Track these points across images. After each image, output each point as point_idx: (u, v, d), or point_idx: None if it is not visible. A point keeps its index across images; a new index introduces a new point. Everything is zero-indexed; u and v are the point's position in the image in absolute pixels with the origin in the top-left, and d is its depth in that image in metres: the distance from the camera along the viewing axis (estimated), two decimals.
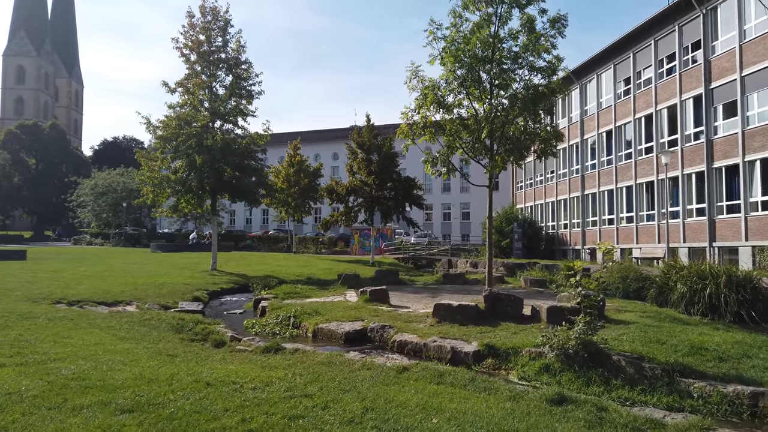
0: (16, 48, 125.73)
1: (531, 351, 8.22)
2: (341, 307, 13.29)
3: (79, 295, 15.46)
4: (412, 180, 34.43)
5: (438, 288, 19.98)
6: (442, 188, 73.04)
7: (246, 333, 11.55)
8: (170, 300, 16.19)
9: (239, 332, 11.59)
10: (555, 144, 14.20)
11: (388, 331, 10.40)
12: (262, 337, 11.22)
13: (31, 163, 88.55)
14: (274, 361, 7.58)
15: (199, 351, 8.34)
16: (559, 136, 14.53)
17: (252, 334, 11.53)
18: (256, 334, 11.45)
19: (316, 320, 11.56)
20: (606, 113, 39.77)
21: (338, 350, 9.27)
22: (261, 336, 11.29)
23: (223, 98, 25.37)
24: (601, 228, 39.89)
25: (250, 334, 11.24)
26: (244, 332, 11.71)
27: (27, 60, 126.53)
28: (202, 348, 8.82)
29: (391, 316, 11.84)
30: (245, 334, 11.07)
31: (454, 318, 10.89)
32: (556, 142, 14.25)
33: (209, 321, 11.68)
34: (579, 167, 43.20)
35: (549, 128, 13.87)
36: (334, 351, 8.58)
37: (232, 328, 11.79)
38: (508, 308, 11.19)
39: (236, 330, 11.92)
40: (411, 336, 9.88)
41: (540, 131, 13.83)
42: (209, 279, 22.47)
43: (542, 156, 14.44)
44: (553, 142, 14.04)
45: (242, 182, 25.26)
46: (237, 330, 12.01)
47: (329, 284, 20.85)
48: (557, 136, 14.22)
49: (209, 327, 10.43)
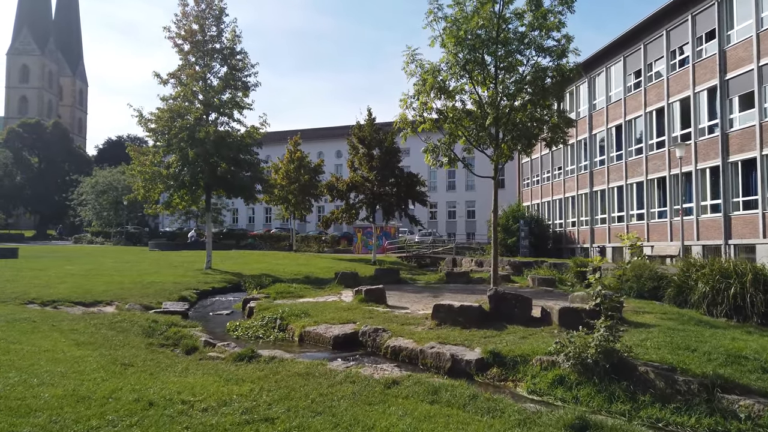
0: (20, 47, 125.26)
1: (542, 359, 7.13)
2: (334, 307, 12.24)
3: (56, 295, 14.49)
4: (415, 176, 33.32)
5: (440, 287, 18.89)
6: (447, 186, 71.90)
7: (226, 337, 10.52)
8: (154, 300, 15.19)
9: (219, 336, 10.56)
10: (566, 131, 13.10)
11: (381, 335, 9.34)
12: (243, 341, 10.19)
13: (33, 162, 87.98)
14: (244, 371, 6.54)
15: (163, 359, 7.31)
16: (570, 122, 13.44)
17: (233, 338, 10.50)
18: (238, 338, 10.42)
19: (303, 322, 10.52)
20: (615, 107, 38.53)
21: (324, 357, 8.22)
22: (243, 340, 10.26)
23: (216, 89, 24.35)
24: (611, 226, 38.66)
25: (230, 339, 10.22)
26: (224, 336, 10.69)
27: (31, 59, 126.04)
28: (168, 355, 7.79)
29: (386, 318, 10.77)
30: (224, 338, 10.04)
31: (456, 320, 9.81)
32: (567, 128, 13.15)
33: (186, 324, 10.65)
34: (587, 163, 41.98)
35: (559, 114, 12.75)
36: (317, 359, 7.52)
37: (210, 332, 10.76)
38: (515, 309, 10.10)
39: (216, 333, 10.90)
40: (406, 341, 8.81)
41: (549, 117, 12.73)
42: (202, 278, 21.48)
43: (551, 144, 13.34)
44: (564, 129, 12.94)
45: (237, 177, 24.24)
46: (217, 333, 10.98)
47: (327, 283, 19.81)
48: (568, 123, 13.13)
49: (182, 331, 9.40)
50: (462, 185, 71.24)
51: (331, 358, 8.14)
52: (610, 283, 6.99)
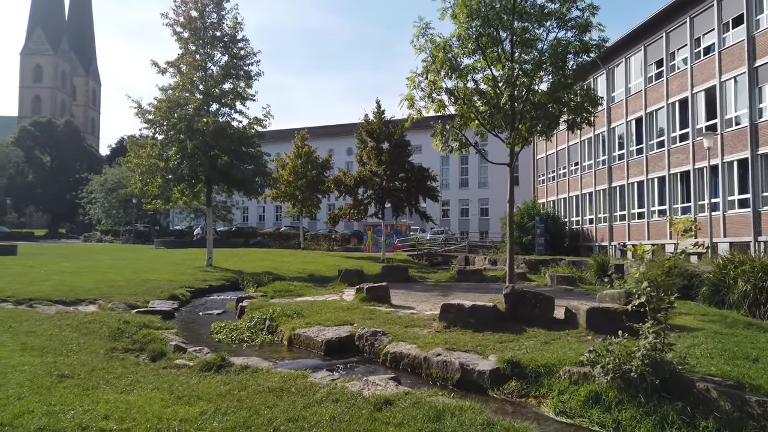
0: (33, 46, 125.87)
1: (572, 371, 5.84)
2: (332, 307, 11.01)
3: (36, 293, 13.49)
4: (426, 170, 31.98)
5: (451, 286, 17.60)
6: (459, 183, 70.43)
7: (208, 340, 9.34)
8: (141, 299, 14.14)
9: (201, 339, 9.39)
10: (591, 111, 11.74)
11: (380, 339, 8.08)
12: (226, 345, 9.00)
13: (45, 161, 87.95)
14: (206, 385, 5.34)
15: (117, 368, 6.14)
16: (595, 101, 12.08)
17: (215, 341, 9.31)
18: (220, 342, 9.22)
19: (294, 324, 9.29)
20: (635, 99, 36.89)
21: (312, 365, 6.99)
22: (225, 344, 9.07)
23: (216, 78, 23.23)
24: (630, 222, 37.08)
25: (211, 342, 9.03)
26: (206, 339, 9.50)
27: (44, 58, 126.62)
28: (127, 363, 6.62)
29: (388, 319, 9.52)
30: (204, 342, 8.86)
31: (467, 322, 8.53)
32: (593, 108, 11.79)
33: (162, 325, 9.47)
34: (606, 158, 40.38)
35: (584, 92, 11.39)
36: (300, 369, 6.29)
37: (191, 334, 9.59)
38: (535, 310, 8.79)
39: (198, 336, 9.73)
40: (409, 346, 7.55)
41: (572, 96, 11.38)
42: (200, 276, 20.42)
43: (573, 127, 11.99)
44: (589, 109, 11.59)
45: (238, 170, 23.07)
46: (199, 336, 9.81)
47: (330, 281, 18.59)
48: (593, 102, 11.77)
49: (153, 333, 8.22)
50: (475, 182, 69.74)
51: (319, 366, 6.90)
52: (657, 278, 5.67)
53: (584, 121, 11.72)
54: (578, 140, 44.41)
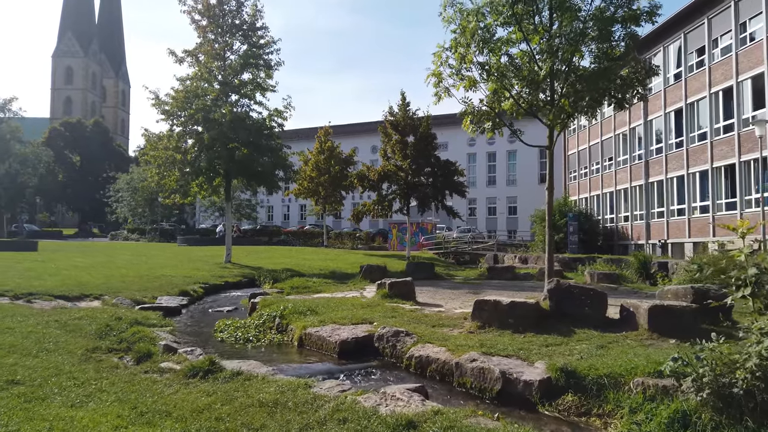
0: (65, 48, 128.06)
1: (646, 384, 4.58)
2: (350, 304, 9.89)
3: (39, 288, 12.72)
4: (453, 164, 30.62)
5: (481, 283, 16.33)
6: (486, 181, 68.75)
7: (209, 340, 8.29)
8: (149, 294, 13.27)
9: (199, 339, 8.35)
10: (645, 83, 10.36)
11: (403, 340, 6.90)
12: (228, 345, 7.93)
13: (75, 161, 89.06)
14: (183, 396, 4.26)
15: (86, 373, 5.12)
16: (651, 72, 10.69)
17: (217, 340, 8.26)
18: (222, 342, 8.16)
19: (306, 322, 8.17)
20: (674, 90, 34.92)
21: (322, 370, 5.87)
22: (228, 344, 8.00)
23: (234, 66, 22.36)
24: (669, 220, 35.11)
25: (211, 342, 7.99)
26: (207, 338, 8.45)
27: (75, 61, 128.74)
28: (105, 365, 5.61)
29: (413, 318, 8.34)
30: (202, 342, 7.82)
31: (504, 322, 7.30)
32: (648, 79, 10.42)
33: (157, 322, 8.44)
34: (642, 152, 38.43)
35: (635, 62, 10.01)
36: (304, 376, 5.15)
37: (187, 334, 8.55)
38: (585, 308, 7.50)
39: (199, 335, 8.70)
40: (437, 349, 6.35)
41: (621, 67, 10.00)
42: (217, 272, 19.58)
43: (622, 104, 10.61)
44: (643, 81, 10.21)
45: (257, 163, 22.11)
46: (201, 334, 8.78)
47: (352, 278, 17.45)
48: (648, 73, 10.39)
49: (144, 331, 7.20)
50: (503, 180, 67.97)
51: (329, 372, 5.77)
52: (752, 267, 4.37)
53: (636, 96, 10.35)
54: (612, 134, 42.61)
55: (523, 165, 66.49)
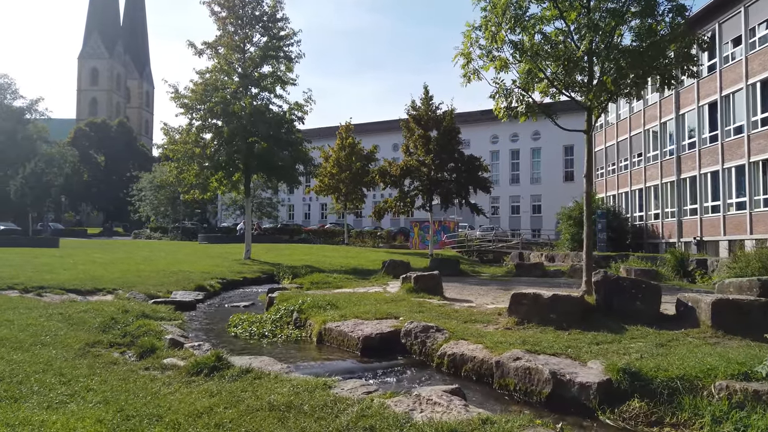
0: (90, 50, 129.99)
1: (732, 388, 3.80)
2: (373, 299, 9.21)
3: (52, 281, 12.33)
4: (477, 159, 29.78)
5: (510, 280, 15.52)
6: (510, 179, 67.51)
7: (221, 335, 7.68)
8: (164, 289, 12.81)
9: (211, 334, 7.75)
10: (695, 59, 9.47)
11: (433, 336, 6.19)
12: (242, 341, 7.32)
13: (100, 161, 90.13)
14: (180, 398, 3.64)
15: (78, 369, 4.55)
16: (704, 45, 9.80)
17: (230, 336, 7.65)
18: (236, 337, 7.55)
19: (326, 317, 7.52)
20: (708, 82, 33.48)
21: (344, 368, 5.20)
22: (242, 340, 7.39)
23: (253, 58, 21.87)
24: (703, 217, 33.68)
25: (224, 338, 7.38)
26: (220, 333, 7.85)
27: (100, 62, 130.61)
28: (102, 361, 5.04)
29: (442, 313, 7.63)
30: (214, 337, 7.21)
31: (546, 317, 6.55)
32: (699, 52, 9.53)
33: (166, 315, 7.85)
34: (673, 147, 37.01)
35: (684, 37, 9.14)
36: (324, 374, 4.48)
37: (199, 328, 7.96)
38: (636, 302, 6.70)
39: (211, 330, 8.10)
40: (473, 346, 5.63)
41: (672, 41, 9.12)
42: (236, 268, 19.10)
43: (668, 83, 9.72)
44: (693, 57, 9.32)
45: (276, 157, 21.54)
46: (213, 330, 8.18)
47: (374, 274, 16.77)
48: (701, 46, 9.49)
49: (150, 325, 6.62)
50: (527, 178, 66.66)
51: (351, 371, 5.10)
52: None
53: (686, 73, 9.47)
54: (641, 130, 41.27)
55: (547, 163, 65.14)
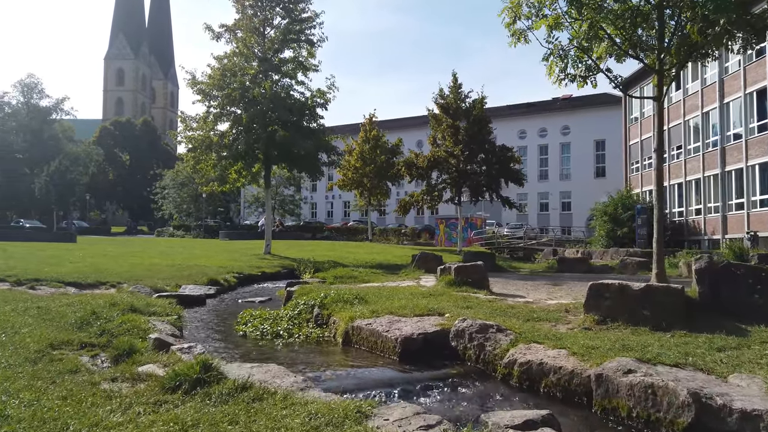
0: (116, 51, 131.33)
1: None
2: (407, 293, 7.80)
3: (51, 273, 11.29)
4: (509, 150, 28.14)
5: (556, 276, 13.96)
6: (538, 175, 65.39)
7: (226, 336, 6.35)
8: (173, 283, 11.65)
9: (216, 332, 6.43)
10: None
11: (495, 337, 4.74)
12: (251, 341, 5.97)
13: (124, 159, 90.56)
14: None
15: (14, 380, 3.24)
16: None
17: (239, 334, 6.32)
18: (245, 336, 6.21)
19: (353, 312, 6.13)
20: (755, 68, 31.23)
21: (379, 380, 3.81)
22: (251, 340, 6.05)
23: (274, 40, 20.64)
24: (750, 212, 31.48)
25: (230, 337, 6.05)
26: (227, 332, 6.52)
27: (125, 63, 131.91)
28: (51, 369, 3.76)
29: (495, 309, 6.19)
30: (216, 337, 5.89)
31: (636, 313, 5.06)
32: None
33: (162, 310, 6.51)
34: (717, 139, 34.78)
35: None
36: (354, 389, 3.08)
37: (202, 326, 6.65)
38: (755, 295, 5.17)
39: (217, 327, 6.78)
40: (553, 353, 4.17)
41: None
42: (255, 263, 17.91)
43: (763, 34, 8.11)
44: None
45: (298, 145, 20.21)
46: (219, 327, 6.86)
47: (403, 269, 15.32)
48: None
49: (136, 321, 5.31)
50: (556, 174, 64.49)
51: (390, 384, 3.70)
52: None
53: None
54: (681, 121, 39.08)
55: (577, 158, 62.96)
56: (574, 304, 6.41)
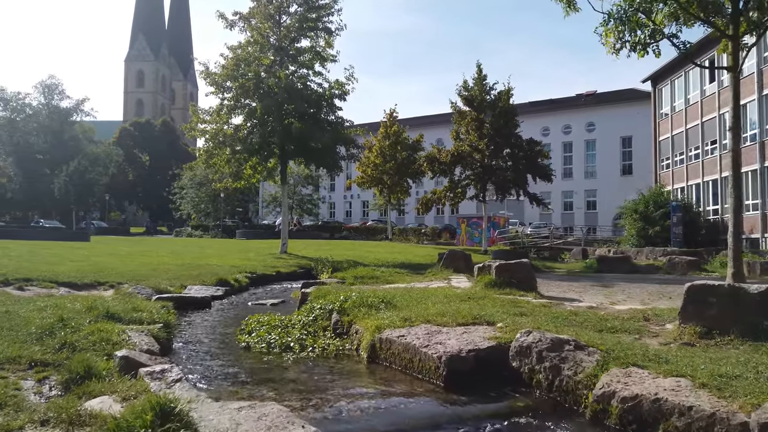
0: (136, 53, 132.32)
1: None
2: (442, 296, 6.60)
3: (45, 273, 10.35)
4: (538, 143, 26.73)
5: (598, 276, 12.60)
6: (562, 173, 63.50)
7: (225, 348, 5.22)
8: (179, 283, 10.65)
9: (215, 342, 5.31)
10: None
11: (574, 358, 3.53)
12: (255, 354, 4.84)
13: (144, 160, 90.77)
14: None
15: None
16: None
17: (241, 346, 5.19)
18: (247, 348, 5.08)
19: (379, 320, 4.95)
20: None
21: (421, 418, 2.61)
22: (256, 353, 4.91)
23: (289, 27, 19.58)
24: None
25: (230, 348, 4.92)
26: (226, 345, 5.40)
27: (146, 64, 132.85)
28: None
29: (556, 317, 4.96)
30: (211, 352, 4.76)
31: (755, 325, 3.80)
32: None
33: (147, 316, 5.37)
34: (756, 132, 32.92)
35: None
36: None
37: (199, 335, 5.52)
38: None
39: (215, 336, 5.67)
40: (669, 383, 2.92)
41: None
42: (270, 262, 16.89)
43: None
44: None
45: (315, 137, 19.07)
46: (220, 336, 5.74)
47: (426, 268, 14.10)
48: None
49: (107, 332, 4.20)
50: (580, 172, 62.63)
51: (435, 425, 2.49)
52: None
53: None
54: (716, 114, 37.17)
55: (603, 155, 61.09)
56: (653, 310, 5.16)
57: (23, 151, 64.35)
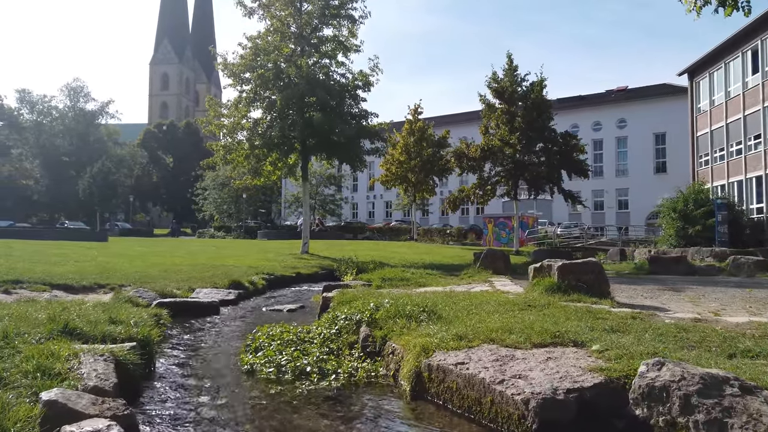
0: (161, 56, 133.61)
1: None
2: (494, 302, 5.33)
3: (41, 274, 9.44)
4: (574, 137, 25.15)
5: (653, 278, 11.15)
6: (593, 172, 61.53)
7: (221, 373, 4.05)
8: (186, 286, 9.65)
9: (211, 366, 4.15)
10: None
11: (745, 407, 2.28)
12: (262, 381, 3.65)
13: (168, 162, 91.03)
14: None
15: None
16: None
17: (244, 369, 4.01)
18: (251, 371, 3.90)
19: (424, 338, 3.71)
20: None
21: None
22: (261, 377, 3.72)
23: (311, 14, 18.48)
24: None
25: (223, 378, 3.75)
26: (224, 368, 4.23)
27: (170, 67, 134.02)
28: None
29: (662, 333, 3.67)
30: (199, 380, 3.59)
31: None
32: None
33: (122, 331, 4.22)
34: None
35: None
36: None
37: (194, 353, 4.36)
38: None
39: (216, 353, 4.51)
40: None
41: None
42: (290, 262, 15.80)
43: None
44: None
45: (337, 129, 17.87)
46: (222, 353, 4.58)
47: (460, 270, 12.78)
48: None
49: (51, 353, 3.06)
50: (611, 170, 60.52)
51: None
52: None
53: None
54: (760, 107, 35.05)
55: (635, 153, 58.93)
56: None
57: (49, 154, 64.72)
